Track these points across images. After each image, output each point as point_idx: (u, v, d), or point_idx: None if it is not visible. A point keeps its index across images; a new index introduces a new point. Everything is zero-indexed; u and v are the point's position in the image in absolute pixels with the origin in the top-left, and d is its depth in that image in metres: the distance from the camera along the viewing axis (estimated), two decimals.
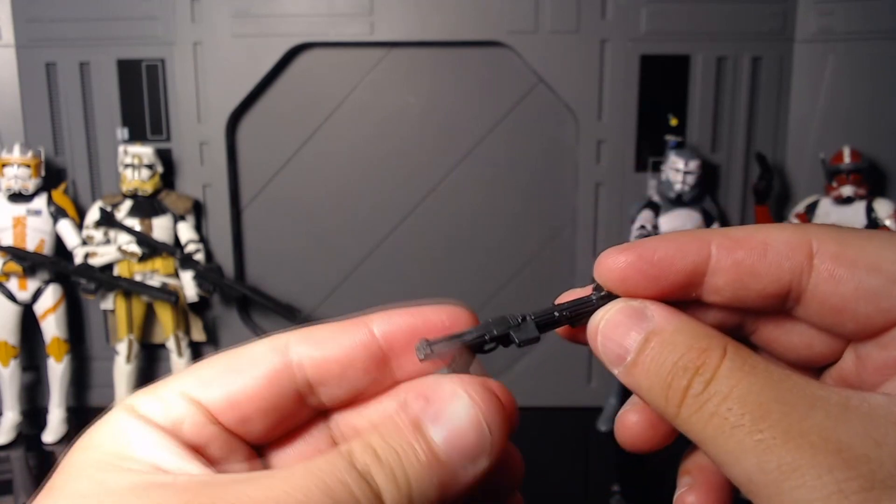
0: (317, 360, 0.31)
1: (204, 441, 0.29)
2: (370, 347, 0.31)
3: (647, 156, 1.70)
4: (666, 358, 0.28)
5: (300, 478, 0.26)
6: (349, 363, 0.31)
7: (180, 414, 0.29)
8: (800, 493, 0.24)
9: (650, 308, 0.30)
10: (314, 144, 1.76)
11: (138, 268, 1.63)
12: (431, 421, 0.28)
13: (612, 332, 0.30)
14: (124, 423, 0.28)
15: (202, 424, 0.29)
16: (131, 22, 1.66)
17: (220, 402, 0.30)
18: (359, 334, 0.32)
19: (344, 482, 0.26)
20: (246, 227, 1.80)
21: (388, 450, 0.27)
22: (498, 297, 1.81)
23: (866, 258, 0.28)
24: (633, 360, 0.29)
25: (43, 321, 1.64)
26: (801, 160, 1.70)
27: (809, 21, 1.64)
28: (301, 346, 0.31)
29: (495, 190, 1.77)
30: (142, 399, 0.29)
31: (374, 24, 1.65)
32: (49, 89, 1.70)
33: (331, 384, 0.31)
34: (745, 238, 0.30)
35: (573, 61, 1.65)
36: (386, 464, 0.27)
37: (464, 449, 0.28)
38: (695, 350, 0.28)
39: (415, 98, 1.74)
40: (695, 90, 1.68)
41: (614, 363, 0.30)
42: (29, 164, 1.58)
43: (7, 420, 1.63)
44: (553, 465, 1.56)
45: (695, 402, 0.27)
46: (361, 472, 0.26)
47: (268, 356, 0.31)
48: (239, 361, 0.31)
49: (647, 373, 0.29)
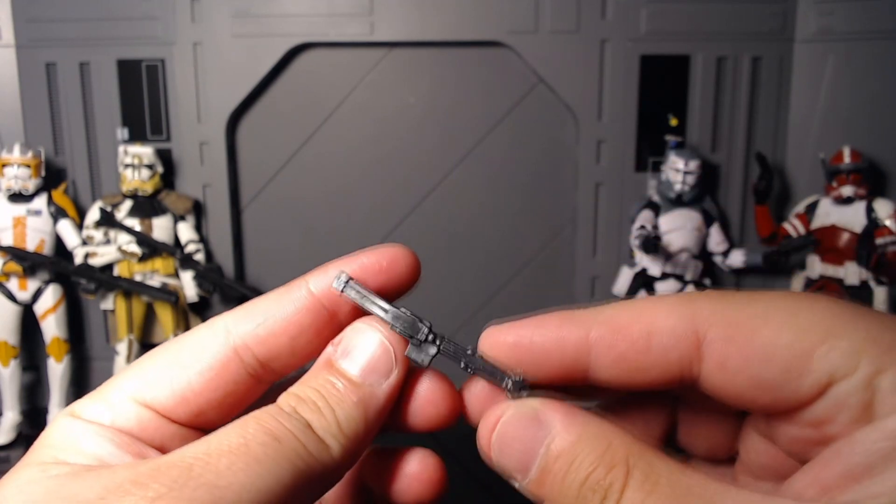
0: (261, 337, 0.31)
1: (159, 441, 0.29)
2: (313, 309, 0.31)
3: (647, 156, 1.70)
4: (573, 478, 0.27)
5: (237, 427, 0.27)
6: (297, 331, 0.31)
7: (128, 418, 0.29)
8: None
9: (547, 414, 0.29)
10: (314, 144, 1.76)
11: (138, 268, 1.63)
12: (341, 356, 0.31)
13: (511, 441, 0.29)
14: (70, 425, 0.28)
15: (155, 425, 0.29)
16: (131, 22, 1.66)
17: (169, 401, 0.30)
18: (299, 299, 0.31)
19: (277, 420, 0.27)
20: (246, 227, 1.80)
21: (308, 390, 0.30)
22: (498, 297, 1.81)
23: (759, 347, 0.26)
24: (538, 477, 0.28)
25: (43, 321, 1.64)
26: (801, 160, 1.70)
27: (809, 21, 1.64)
28: (242, 326, 0.31)
29: (495, 190, 1.77)
30: (86, 404, 0.29)
31: (374, 24, 1.65)
32: (49, 89, 1.70)
33: (283, 357, 0.32)
34: (626, 327, 0.29)
35: (573, 61, 1.65)
36: (308, 399, 0.29)
37: (374, 367, 0.30)
38: (601, 467, 0.27)
39: (415, 98, 1.74)
40: (695, 90, 1.68)
41: (514, 474, 0.29)
42: (29, 164, 1.58)
43: (7, 420, 1.63)
44: None
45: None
46: (289, 413, 0.28)
47: (211, 345, 0.31)
48: (181, 355, 0.31)
49: (554, 493, 0.28)
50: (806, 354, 0.26)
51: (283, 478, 0.26)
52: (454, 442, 0.35)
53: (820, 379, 0.25)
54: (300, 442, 0.27)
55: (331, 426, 0.29)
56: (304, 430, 0.28)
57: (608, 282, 1.73)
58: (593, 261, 1.75)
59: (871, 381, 0.24)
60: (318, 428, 0.28)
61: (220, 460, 0.25)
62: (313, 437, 0.28)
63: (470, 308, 1.79)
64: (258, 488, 0.25)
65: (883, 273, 1.54)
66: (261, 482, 0.25)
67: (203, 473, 0.25)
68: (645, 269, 1.65)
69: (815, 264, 1.63)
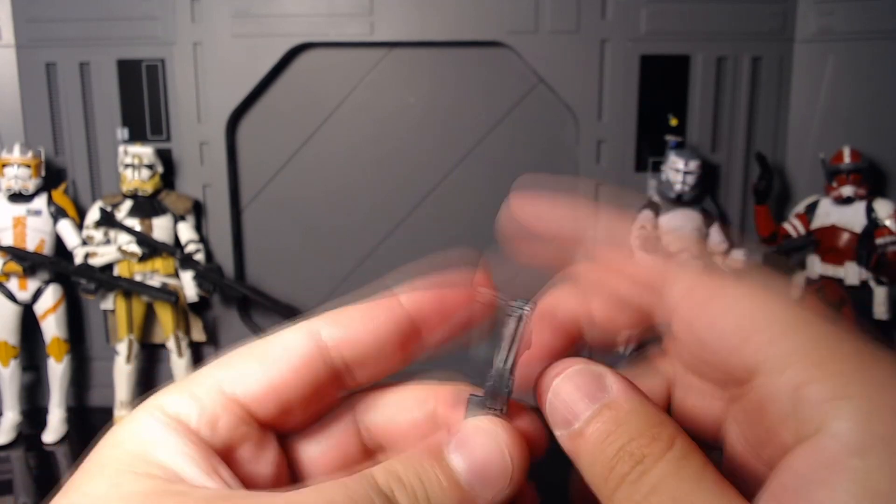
0: (350, 341, 0.31)
1: (239, 439, 0.29)
2: (401, 323, 0.31)
3: (647, 156, 1.70)
4: (616, 438, 0.27)
5: (325, 492, 0.26)
6: (384, 341, 0.31)
7: (214, 413, 0.28)
8: None
9: (609, 377, 0.29)
10: (314, 144, 1.76)
11: (138, 268, 1.63)
12: (454, 450, 0.29)
13: (566, 392, 0.29)
14: (149, 424, 0.28)
15: (238, 422, 0.29)
16: (131, 22, 1.66)
17: (259, 394, 0.29)
18: (390, 311, 0.32)
19: (369, 497, 0.26)
20: (246, 227, 1.80)
21: (412, 474, 0.28)
22: None
23: (707, 319, 0.29)
24: (580, 429, 0.28)
25: (43, 321, 1.64)
26: (801, 160, 1.70)
27: (809, 21, 1.64)
28: (332, 329, 0.31)
29: (495, 190, 1.77)
30: (173, 397, 0.29)
31: (374, 24, 1.65)
32: (49, 89, 1.70)
33: (368, 363, 0.31)
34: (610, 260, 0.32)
35: (573, 61, 1.65)
36: (409, 486, 0.27)
37: (485, 478, 0.28)
38: (646, 437, 0.27)
39: (415, 98, 1.74)
40: (695, 90, 1.68)
41: (558, 424, 0.29)
42: (29, 164, 1.58)
43: (7, 420, 1.63)
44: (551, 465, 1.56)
45: (628, 489, 0.26)
46: (385, 492, 0.27)
47: (300, 341, 0.30)
48: (272, 350, 0.30)
49: (591, 448, 0.28)
50: (746, 335, 0.27)
51: None
52: None
53: (748, 362, 0.27)
54: None
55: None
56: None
57: None
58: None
59: (798, 389, 0.25)
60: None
61: None
62: None
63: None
64: None
65: (883, 273, 1.54)
66: None
67: None
68: None
69: (815, 264, 1.63)
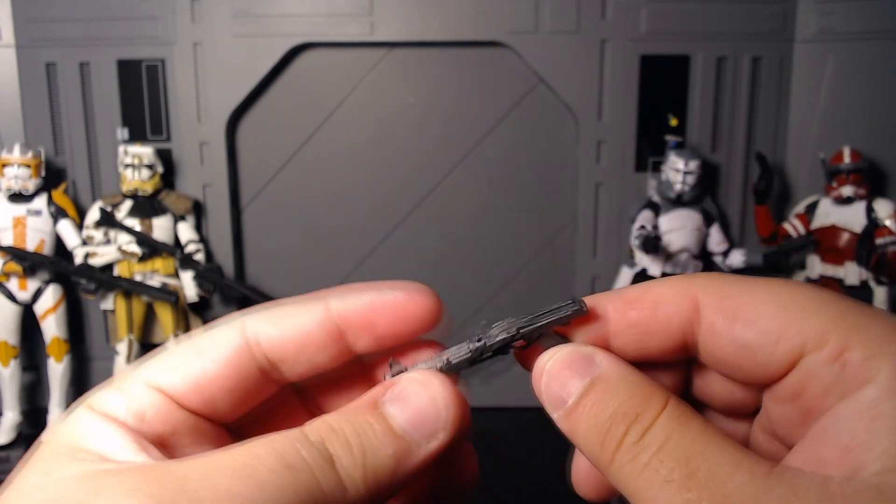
0: (273, 337, 0.31)
1: (171, 428, 0.29)
2: (325, 325, 0.32)
3: (647, 156, 1.70)
4: (607, 404, 0.28)
5: (249, 446, 0.26)
6: (305, 341, 0.31)
7: (142, 404, 0.29)
8: None
9: (598, 355, 0.30)
10: (314, 144, 1.76)
11: (138, 268, 1.63)
12: (390, 401, 0.30)
13: (558, 374, 0.30)
14: (80, 418, 0.28)
15: (167, 412, 0.29)
16: (131, 22, 1.66)
17: (183, 386, 0.30)
18: (315, 313, 0.32)
19: (295, 448, 0.26)
20: (246, 227, 1.80)
21: (345, 424, 0.28)
22: (498, 297, 1.81)
23: (744, 312, 0.29)
24: (574, 404, 0.29)
25: (43, 321, 1.64)
26: (801, 160, 1.70)
27: (809, 21, 1.64)
28: (258, 325, 0.31)
29: (495, 190, 1.77)
30: (102, 394, 0.29)
31: (374, 24, 1.65)
32: (49, 89, 1.70)
33: (289, 361, 0.32)
34: (636, 299, 0.31)
35: (573, 61, 1.65)
36: (341, 434, 0.28)
37: (421, 426, 0.29)
38: (637, 397, 0.28)
39: (415, 98, 1.74)
40: (695, 90, 1.68)
41: (555, 406, 0.30)
42: (29, 164, 1.58)
43: (7, 420, 1.63)
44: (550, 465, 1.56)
45: (630, 450, 0.27)
46: (314, 442, 0.27)
47: (227, 336, 0.31)
48: (200, 344, 0.31)
49: (586, 417, 0.28)
50: (783, 325, 0.28)
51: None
52: None
53: (794, 348, 0.27)
54: (315, 478, 0.26)
55: (356, 471, 0.27)
56: (324, 465, 0.26)
57: (608, 282, 1.73)
58: (593, 261, 1.75)
59: (841, 355, 0.26)
60: (341, 468, 0.27)
61: (220, 479, 0.24)
62: (333, 477, 0.26)
63: (470, 308, 1.79)
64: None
65: (883, 273, 1.54)
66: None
67: (198, 489, 0.24)
68: (645, 270, 1.65)
69: (815, 264, 1.63)
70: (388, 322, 0.32)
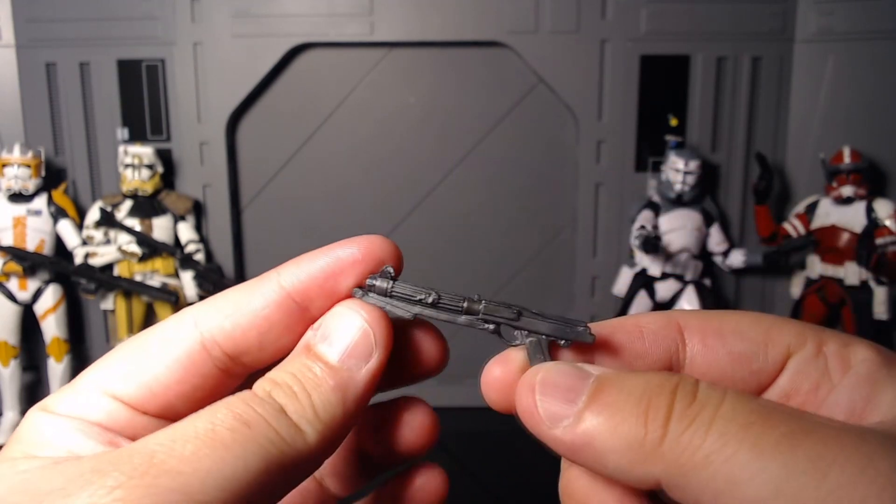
0: (228, 331, 0.30)
1: (131, 432, 0.29)
2: (283, 304, 0.31)
3: (647, 156, 1.70)
4: (634, 386, 0.26)
5: (207, 412, 0.27)
6: (266, 327, 0.31)
7: (99, 410, 0.29)
8: (848, 489, 0.22)
9: (587, 366, 0.29)
10: (314, 144, 1.76)
11: (138, 268, 1.63)
12: (320, 340, 0.30)
13: (556, 383, 0.28)
14: (40, 419, 0.28)
15: (126, 417, 0.29)
16: (131, 22, 1.66)
17: (137, 393, 0.29)
18: (268, 294, 0.31)
19: (248, 405, 0.27)
20: (246, 227, 1.80)
21: (285, 374, 0.29)
22: (498, 296, 1.81)
23: (729, 327, 0.31)
24: (586, 402, 0.27)
25: (43, 321, 1.64)
26: (801, 160, 1.70)
27: (809, 21, 1.64)
28: (210, 320, 0.30)
29: (495, 190, 1.77)
30: (57, 398, 0.29)
31: (374, 24, 1.65)
32: (49, 89, 1.70)
33: (252, 351, 0.31)
34: (622, 324, 0.32)
35: (573, 61, 1.65)
36: (283, 384, 0.29)
37: (353, 352, 0.30)
38: (661, 374, 0.27)
39: (415, 98, 1.74)
40: (695, 90, 1.68)
41: (553, 420, 0.27)
42: (29, 164, 1.58)
43: (7, 420, 1.63)
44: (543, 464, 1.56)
45: (685, 415, 0.25)
46: (263, 397, 0.28)
47: (178, 337, 0.30)
48: (149, 347, 0.30)
49: (610, 407, 0.26)
50: (767, 334, 0.30)
51: (252, 463, 0.25)
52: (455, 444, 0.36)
53: (782, 350, 0.30)
54: (272, 427, 0.27)
55: (306, 411, 0.28)
56: (277, 415, 0.27)
57: (608, 282, 1.73)
58: (593, 261, 1.75)
59: (820, 350, 0.29)
60: (292, 413, 0.28)
61: (186, 446, 0.25)
62: (287, 423, 0.27)
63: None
64: (225, 474, 0.24)
65: (883, 273, 1.54)
66: (228, 468, 0.25)
67: (166, 460, 0.24)
68: (645, 270, 1.65)
69: (815, 264, 1.63)
70: (349, 283, 0.32)
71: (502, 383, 0.32)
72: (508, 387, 0.31)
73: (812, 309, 1.64)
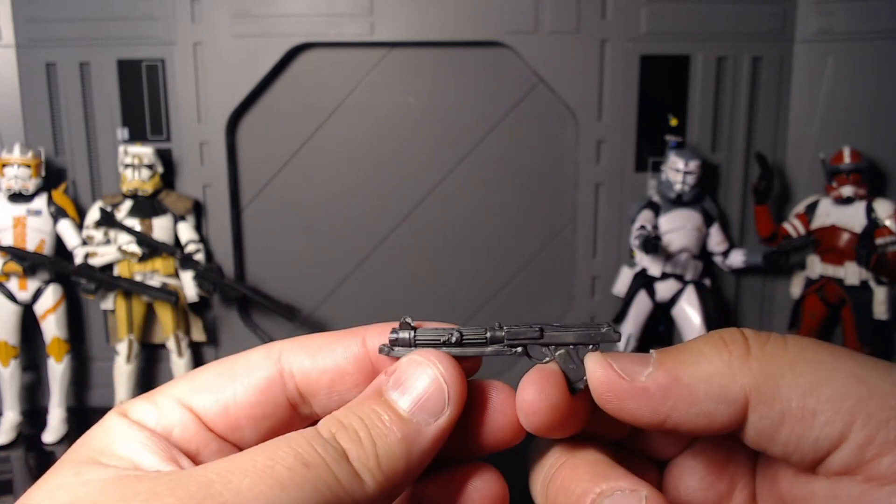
0: (307, 370, 0.31)
1: (195, 447, 0.30)
2: (360, 361, 0.32)
3: (647, 156, 1.70)
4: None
5: (268, 447, 0.27)
6: (339, 375, 0.32)
7: (171, 420, 0.29)
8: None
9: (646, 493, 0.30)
10: (314, 144, 1.76)
11: (138, 268, 1.63)
12: (392, 387, 0.30)
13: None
14: (113, 424, 0.29)
15: (195, 430, 0.30)
16: (131, 22, 1.66)
17: (212, 408, 0.30)
18: (351, 347, 0.32)
19: (310, 446, 0.27)
20: (246, 227, 1.80)
21: (352, 417, 0.29)
22: (498, 297, 1.81)
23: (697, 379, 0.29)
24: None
25: (43, 321, 1.64)
26: (801, 160, 1.70)
27: (809, 21, 1.64)
28: (294, 356, 0.31)
29: (495, 190, 1.77)
30: (136, 403, 0.30)
31: (374, 24, 1.65)
32: (49, 89, 1.70)
33: (321, 395, 0.32)
34: None
35: (573, 61, 1.65)
36: (350, 427, 0.28)
37: (425, 405, 0.30)
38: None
39: (415, 98, 1.74)
40: (695, 90, 1.68)
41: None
42: (29, 164, 1.58)
43: (7, 420, 1.63)
44: None
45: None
46: (327, 439, 0.28)
47: (262, 364, 0.31)
48: (234, 368, 0.31)
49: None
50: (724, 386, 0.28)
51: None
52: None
53: (738, 397, 0.28)
54: (332, 472, 0.26)
55: (369, 460, 0.27)
56: (338, 459, 0.27)
57: (608, 282, 1.73)
58: (593, 261, 1.75)
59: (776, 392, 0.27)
60: (354, 460, 0.27)
61: (243, 480, 0.25)
62: (348, 469, 0.27)
63: (470, 308, 1.79)
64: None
65: (883, 273, 1.54)
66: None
67: (222, 492, 0.24)
68: (645, 270, 1.65)
69: (815, 264, 1.63)
70: None
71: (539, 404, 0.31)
72: (547, 406, 0.30)
73: (812, 309, 1.64)
